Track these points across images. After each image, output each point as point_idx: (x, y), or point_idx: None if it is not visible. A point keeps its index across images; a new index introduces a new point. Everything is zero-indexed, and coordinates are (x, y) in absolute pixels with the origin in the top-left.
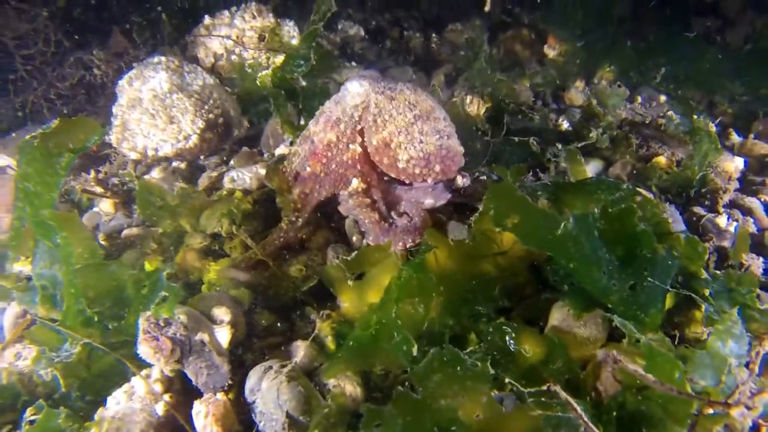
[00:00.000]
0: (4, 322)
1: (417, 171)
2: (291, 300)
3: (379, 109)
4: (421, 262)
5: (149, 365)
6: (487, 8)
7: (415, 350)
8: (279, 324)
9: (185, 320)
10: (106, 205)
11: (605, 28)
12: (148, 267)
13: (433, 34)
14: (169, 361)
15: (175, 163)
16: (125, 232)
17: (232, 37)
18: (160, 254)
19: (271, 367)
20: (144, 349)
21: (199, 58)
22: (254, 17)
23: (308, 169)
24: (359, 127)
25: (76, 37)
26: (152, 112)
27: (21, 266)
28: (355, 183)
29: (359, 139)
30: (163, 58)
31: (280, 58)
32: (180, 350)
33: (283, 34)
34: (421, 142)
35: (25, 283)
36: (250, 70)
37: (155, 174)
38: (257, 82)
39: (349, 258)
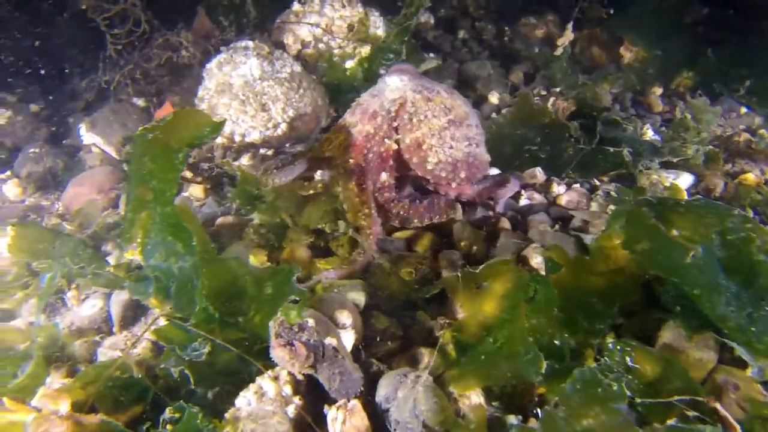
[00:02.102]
0: (111, 308)
1: (443, 174)
2: (404, 303)
3: (415, 108)
4: (548, 280)
5: (273, 364)
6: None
7: (543, 367)
8: (394, 327)
9: (314, 324)
10: (197, 190)
11: (681, 34)
12: (253, 260)
13: (506, 27)
14: (304, 366)
15: (262, 150)
16: (219, 220)
17: (321, 26)
18: (262, 246)
19: (405, 376)
20: (279, 354)
21: (286, 45)
22: (344, 6)
23: (351, 161)
24: (395, 123)
25: (163, 17)
26: (242, 98)
27: (131, 256)
28: (384, 177)
29: (394, 136)
30: (251, 44)
31: (366, 48)
32: (314, 356)
33: (369, 25)
34: (451, 147)
35: (136, 273)
36: (337, 59)
37: (244, 161)
38: (347, 72)
39: (475, 270)
